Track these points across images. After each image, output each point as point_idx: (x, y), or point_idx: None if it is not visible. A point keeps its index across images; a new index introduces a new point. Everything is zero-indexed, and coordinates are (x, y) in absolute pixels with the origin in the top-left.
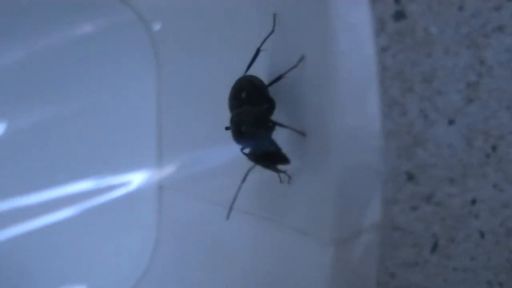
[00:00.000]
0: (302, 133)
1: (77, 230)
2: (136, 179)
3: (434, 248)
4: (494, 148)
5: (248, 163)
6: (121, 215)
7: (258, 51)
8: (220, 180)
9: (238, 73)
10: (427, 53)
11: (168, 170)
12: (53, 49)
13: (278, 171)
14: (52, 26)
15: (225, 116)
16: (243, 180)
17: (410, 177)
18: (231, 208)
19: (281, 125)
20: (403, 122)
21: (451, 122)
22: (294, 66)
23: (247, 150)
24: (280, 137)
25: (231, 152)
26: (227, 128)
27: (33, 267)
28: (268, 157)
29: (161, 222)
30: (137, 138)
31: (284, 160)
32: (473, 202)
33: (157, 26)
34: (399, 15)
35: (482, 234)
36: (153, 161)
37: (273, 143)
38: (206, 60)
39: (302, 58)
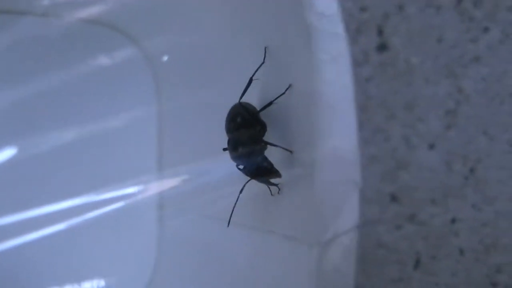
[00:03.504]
0: (290, 151)
1: (79, 243)
2: (137, 192)
3: (417, 264)
4: (472, 170)
5: (243, 179)
6: (122, 231)
7: (250, 80)
8: (216, 196)
9: (233, 100)
10: (408, 82)
11: (168, 186)
12: (65, 79)
13: (270, 184)
14: (65, 60)
15: (220, 136)
16: (241, 191)
17: (394, 198)
18: (231, 215)
19: (272, 144)
20: (387, 147)
21: (431, 146)
22: (283, 93)
23: (242, 167)
24: (271, 155)
25: (226, 170)
26: (224, 149)
27: (40, 276)
28: (262, 172)
29: (162, 238)
30: (138, 157)
31: (276, 174)
32: (453, 221)
33: (159, 60)
34: (382, 47)
35: (462, 252)
36: (153, 178)
37: (266, 160)
38: (203, 88)
39: (289, 86)
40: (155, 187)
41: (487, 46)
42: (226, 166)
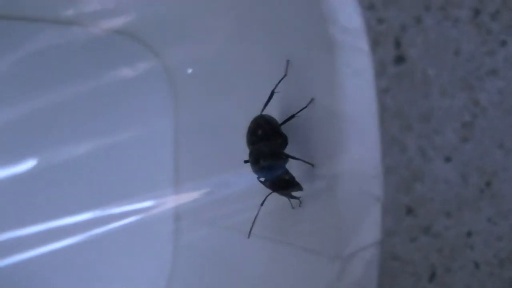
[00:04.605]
0: (311, 164)
1: (95, 255)
2: (153, 205)
3: (432, 277)
4: (488, 184)
5: (260, 192)
6: (138, 240)
7: (272, 93)
8: (234, 206)
9: (251, 113)
10: (425, 94)
11: (184, 197)
12: (84, 89)
13: (291, 197)
14: (84, 70)
15: (237, 149)
16: (262, 203)
17: (409, 210)
18: (251, 227)
19: (293, 157)
20: (402, 158)
21: (447, 159)
22: (305, 107)
23: (263, 179)
24: (292, 167)
25: (243, 183)
26: (246, 161)
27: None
28: (284, 185)
29: (177, 246)
30: (155, 167)
31: (298, 187)
32: (469, 234)
33: (178, 72)
34: (399, 59)
35: (477, 265)
36: (170, 189)
37: (287, 173)
38: (221, 101)
39: (311, 100)
40: (171, 200)
41: (504, 59)
42: (243, 179)
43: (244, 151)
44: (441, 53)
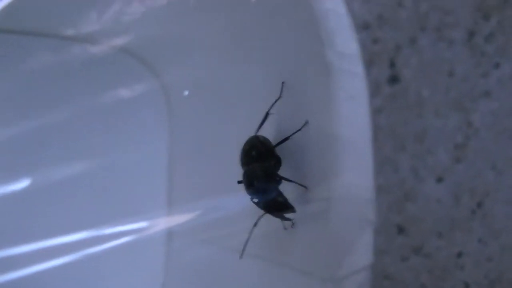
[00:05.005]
0: (305, 187)
1: (87, 274)
2: (146, 226)
3: None
4: (479, 204)
5: (254, 213)
6: (130, 260)
7: (267, 115)
8: (227, 227)
9: (245, 134)
10: (418, 114)
11: (177, 217)
12: (80, 109)
13: (284, 218)
14: (82, 88)
15: (231, 171)
16: (255, 224)
17: (401, 230)
18: (244, 248)
19: (286, 179)
20: (395, 178)
21: (439, 179)
22: (299, 130)
23: (256, 200)
24: (285, 189)
25: (237, 205)
26: (239, 182)
27: None
28: (277, 206)
29: (169, 267)
30: (149, 188)
31: (291, 209)
32: (459, 255)
33: (176, 93)
34: (394, 79)
35: (467, 285)
36: (163, 209)
37: (280, 194)
38: (216, 122)
39: (306, 123)
40: (164, 221)
41: (497, 81)
42: (236, 200)
43: (238, 172)
44: (435, 74)
